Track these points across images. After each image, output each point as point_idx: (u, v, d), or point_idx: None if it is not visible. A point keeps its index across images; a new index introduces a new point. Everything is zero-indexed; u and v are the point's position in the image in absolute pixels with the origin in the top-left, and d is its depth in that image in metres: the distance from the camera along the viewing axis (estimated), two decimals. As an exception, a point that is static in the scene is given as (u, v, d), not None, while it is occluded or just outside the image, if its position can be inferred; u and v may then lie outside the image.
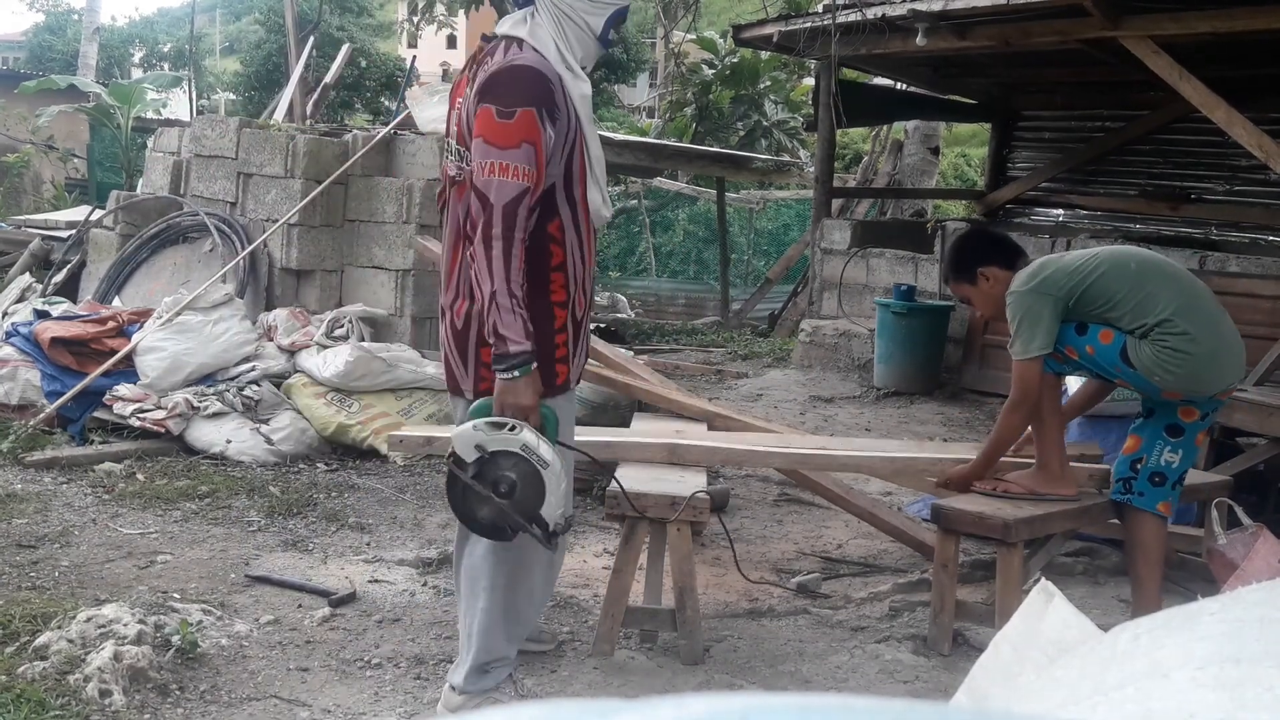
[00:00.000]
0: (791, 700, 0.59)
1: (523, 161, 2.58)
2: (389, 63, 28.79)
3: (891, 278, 8.57)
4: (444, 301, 2.89)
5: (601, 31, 2.81)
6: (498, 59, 2.72)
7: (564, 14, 2.77)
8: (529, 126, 2.59)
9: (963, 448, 4.30)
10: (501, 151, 2.58)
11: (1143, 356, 3.29)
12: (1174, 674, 0.77)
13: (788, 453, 3.95)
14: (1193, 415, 3.47)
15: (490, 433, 2.61)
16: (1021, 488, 3.56)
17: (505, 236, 2.58)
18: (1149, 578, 3.50)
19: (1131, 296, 3.32)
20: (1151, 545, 3.51)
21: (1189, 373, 3.28)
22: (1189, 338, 3.27)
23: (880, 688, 3.20)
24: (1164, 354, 3.27)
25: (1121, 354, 3.32)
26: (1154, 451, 3.49)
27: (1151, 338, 3.28)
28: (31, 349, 5.70)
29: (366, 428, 5.55)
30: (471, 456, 2.62)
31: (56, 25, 38.47)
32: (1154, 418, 3.52)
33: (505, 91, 2.62)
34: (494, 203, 2.57)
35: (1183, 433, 3.48)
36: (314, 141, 6.95)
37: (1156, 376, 3.29)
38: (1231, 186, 9.25)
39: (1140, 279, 3.36)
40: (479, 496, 2.63)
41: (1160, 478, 3.49)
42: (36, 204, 13.47)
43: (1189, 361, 3.27)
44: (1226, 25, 6.56)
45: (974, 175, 18.73)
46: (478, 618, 2.87)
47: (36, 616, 3.27)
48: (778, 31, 8.55)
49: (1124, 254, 3.54)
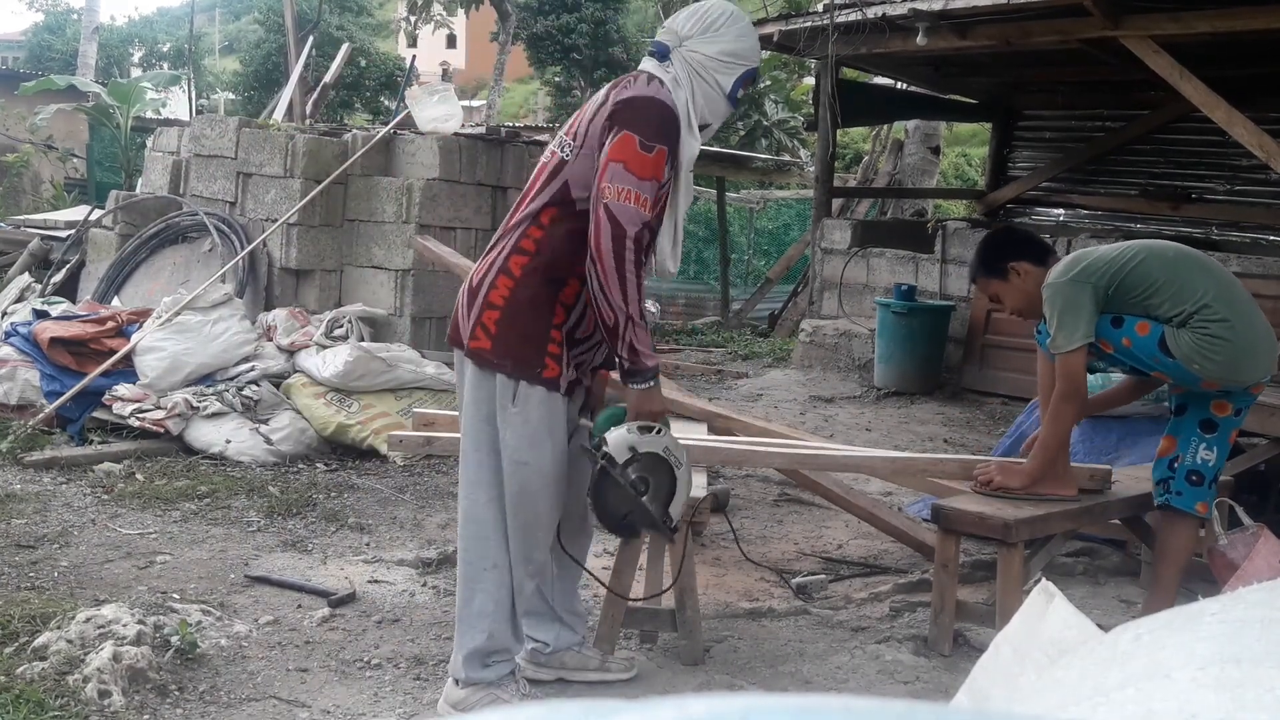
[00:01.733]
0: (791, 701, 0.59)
1: (651, 194, 2.74)
2: (388, 62, 28.80)
3: (892, 278, 8.57)
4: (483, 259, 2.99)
5: (731, 90, 2.92)
6: (640, 86, 2.83)
7: (695, 71, 2.88)
8: (660, 164, 2.75)
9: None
10: (639, 182, 2.72)
11: (1182, 345, 3.27)
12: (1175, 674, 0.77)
13: (788, 453, 3.94)
14: (1226, 410, 3.46)
15: (640, 436, 2.79)
16: (1022, 488, 3.56)
17: (636, 262, 2.72)
18: (1170, 580, 3.50)
19: (1171, 284, 3.32)
20: (1182, 548, 3.50)
21: (1228, 359, 3.27)
22: (1228, 324, 3.26)
23: (880, 688, 3.20)
24: (1204, 341, 3.25)
25: (1160, 344, 3.30)
26: (1190, 449, 3.48)
27: (1191, 325, 3.27)
28: (31, 349, 5.70)
29: (366, 428, 5.55)
30: (624, 457, 2.78)
31: (56, 25, 38.47)
32: (1187, 414, 3.50)
33: (650, 125, 2.76)
34: (626, 229, 2.70)
35: (1217, 428, 3.47)
36: (313, 141, 6.95)
37: (1196, 364, 3.27)
38: (1232, 186, 9.25)
39: (1177, 267, 3.36)
40: (625, 495, 2.81)
41: (1198, 476, 3.47)
42: (36, 204, 13.47)
43: (1228, 348, 3.26)
44: (1226, 25, 6.56)
45: (974, 175, 18.73)
46: (475, 600, 2.89)
47: (36, 617, 3.26)
48: (778, 31, 8.54)
49: (1160, 244, 3.56)
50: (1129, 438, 4.77)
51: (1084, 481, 3.68)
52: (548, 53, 29.14)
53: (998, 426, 6.89)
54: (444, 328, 6.92)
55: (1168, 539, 3.53)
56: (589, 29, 28.34)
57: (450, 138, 7.06)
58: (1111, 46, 7.31)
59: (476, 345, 2.85)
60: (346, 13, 32.29)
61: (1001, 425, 6.80)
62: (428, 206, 6.80)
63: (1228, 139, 7.45)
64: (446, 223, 6.96)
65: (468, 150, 7.14)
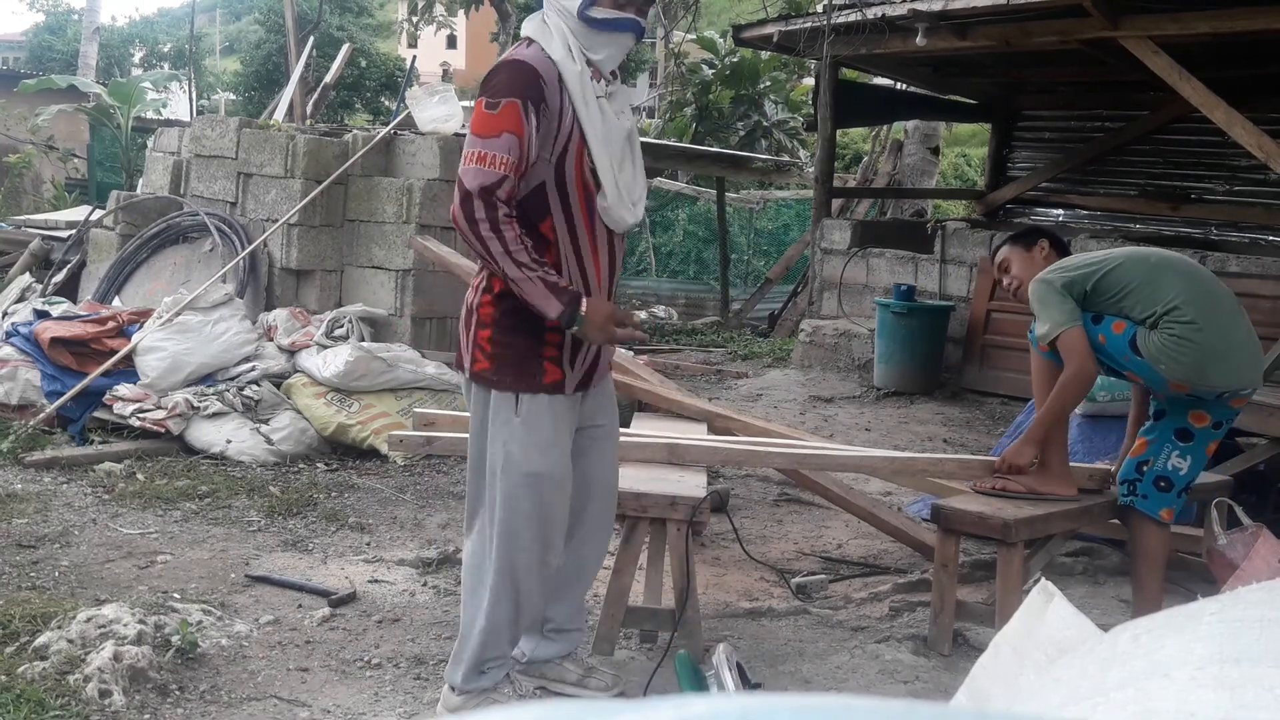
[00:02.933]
0: (791, 700, 0.59)
1: (502, 150, 2.62)
2: (389, 63, 28.82)
3: (891, 278, 8.57)
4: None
5: (580, 6, 2.73)
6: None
7: (553, 7, 2.78)
8: (511, 116, 2.63)
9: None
10: (483, 140, 2.64)
11: (1150, 345, 3.31)
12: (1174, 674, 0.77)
13: (788, 453, 3.94)
14: (1204, 421, 3.45)
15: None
16: (1022, 487, 3.56)
17: (489, 218, 2.61)
18: (1150, 581, 3.51)
19: (1145, 286, 3.37)
20: (1153, 550, 3.51)
21: (1194, 362, 3.28)
22: (1195, 326, 3.28)
23: (880, 688, 3.20)
24: (1169, 342, 3.28)
25: (1131, 343, 3.34)
26: (1161, 455, 3.48)
27: (1161, 326, 3.31)
28: (31, 349, 5.70)
29: (366, 428, 5.56)
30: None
31: (56, 25, 38.47)
32: (1164, 420, 3.51)
33: (492, 86, 2.68)
34: (470, 188, 2.62)
35: (1192, 438, 3.46)
36: (314, 141, 6.95)
37: (1162, 365, 3.30)
38: (1231, 186, 9.25)
39: (1155, 271, 3.41)
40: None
41: (1166, 483, 3.48)
42: (36, 204, 13.47)
43: (1194, 351, 3.27)
44: (1226, 25, 6.56)
45: (974, 175, 18.73)
46: (480, 616, 2.86)
47: (36, 616, 3.27)
48: (778, 31, 8.55)
49: (1144, 250, 3.64)
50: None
51: (1084, 481, 3.68)
52: (548, 53, 29.09)
53: (997, 426, 6.89)
54: (444, 328, 6.93)
55: (1136, 541, 3.55)
56: (589, 29, 28.30)
57: (450, 138, 7.06)
58: (1111, 47, 7.32)
59: (479, 368, 2.79)
60: (347, 13, 32.29)
61: (1001, 425, 6.80)
62: (428, 206, 6.80)
63: (1226, 139, 7.46)
64: (446, 223, 6.94)
65: (468, 150, 7.15)
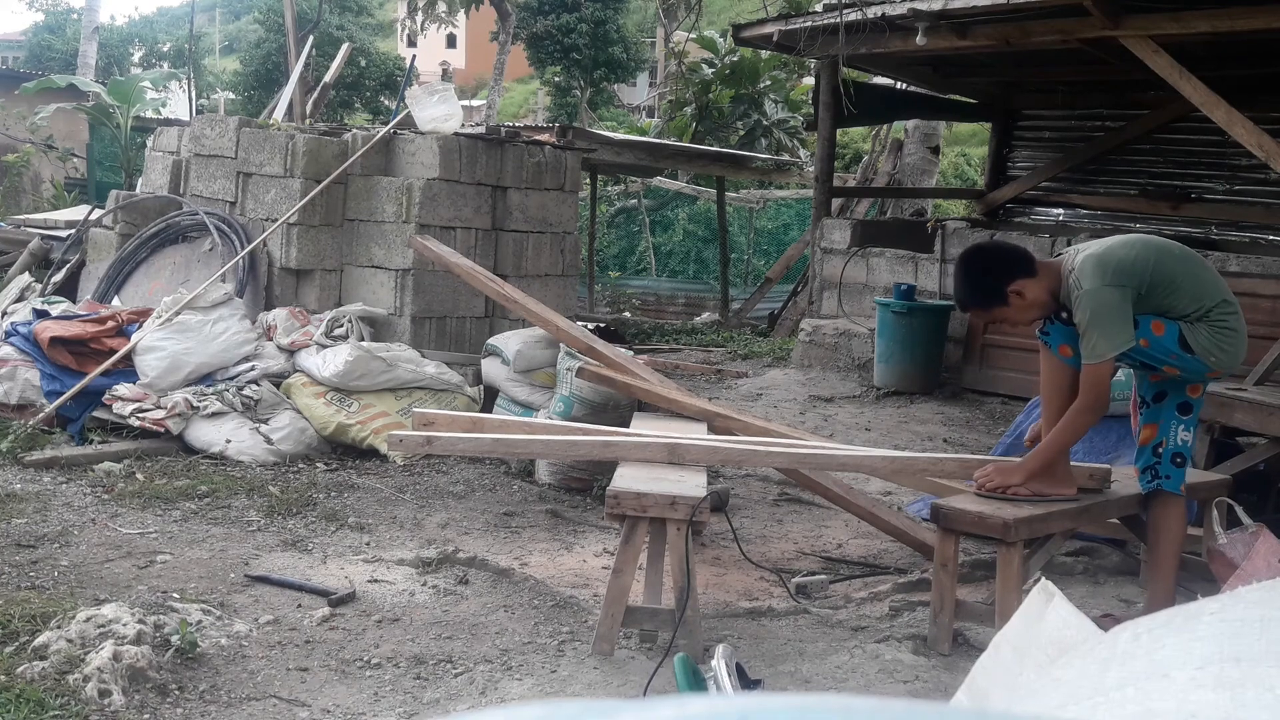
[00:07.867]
0: (791, 700, 0.59)
1: None
2: (388, 62, 28.83)
3: (891, 277, 8.57)
4: None
5: None
6: None
7: None
8: None
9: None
10: None
11: (1201, 339, 3.35)
12: (1174, 674, 0.77)
13: (788, 453, 3.94)
14: (1198, 391, 3.57)
15: None
16: (1026, 490, 3.56)
17: None
18: (1170, 563, 3.56)
19: (1188, 281, 3.39)
20: (1176, 530, 3.57)
21: (1236, 350, 3.39)
22: (1239, 316, 3.39)
23: (880, 688, 3.20)
24: (1221, 334, 3.35)
25: (1179, 341, 3.36)
26: (1171, 432, 3.56)
27: (1210, 319, 3.35)
28: (31, 349, 5.70)
29: (366, 427, 5.55)
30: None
31: (56, 25, 38.45)
32: (1166, 400, 3.57)
33: None
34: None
35: (1191, 410, 3.57)
36: (313, 141, 6.95)
37: (1214, 357, 3.36)
38: (1231, 186, 9.25)
39: (1189, 263, 3.44)
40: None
41: (1181, 458, 3.57)
42: (36, 203, 13.47)
43: (1237, 340, 3.38)
44: (1226, 25, 6.56)
45: (974, 175, 18.72)
46: None
47: (36, 616, 3.26)
48: (778, 31, 8.54)
49: (1162, 241, 3.58)
50: (1129, 438, 4.75)
51: (1084, 481, 3.68)
52: (547, 52, 29.17)
53: (997, 426, 6.89)
54: (444, 327, 6.93)
55: (1161, 522, 3.58)
56: (589, 29, 28.37)
57: (450, 137, 7.05)
58: (1111, 46, 7.31)
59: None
60: (346, 12, 32.29)
61: (1001, 425, 6.80)
62: (428, 206, 6.79)
63: (1227, 139, 7.46)
64: (446, 222, 6.96)
65: (468, 150, 7.14)
